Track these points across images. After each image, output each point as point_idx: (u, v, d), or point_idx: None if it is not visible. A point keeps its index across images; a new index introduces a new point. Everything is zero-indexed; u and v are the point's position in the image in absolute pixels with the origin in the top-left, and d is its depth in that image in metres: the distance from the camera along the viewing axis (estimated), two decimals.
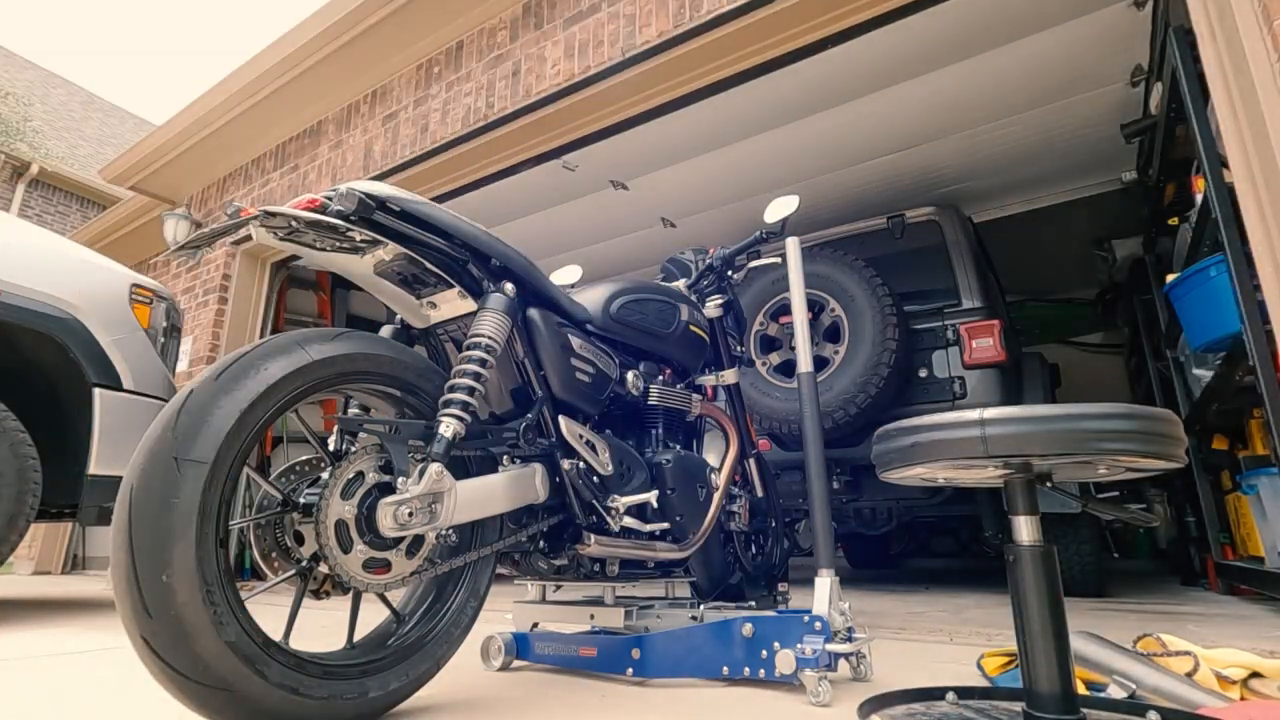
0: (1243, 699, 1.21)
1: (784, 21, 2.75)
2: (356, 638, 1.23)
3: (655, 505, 1.60)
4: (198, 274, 5.22)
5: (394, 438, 1.18)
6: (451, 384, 1.24)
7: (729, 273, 2.19)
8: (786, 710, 1.23)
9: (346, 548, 1.11)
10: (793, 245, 1.89)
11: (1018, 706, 1.14)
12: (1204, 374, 2.92)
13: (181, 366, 4.93)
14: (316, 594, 1.17)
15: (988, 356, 3.11)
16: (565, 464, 1.43)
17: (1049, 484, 1.00)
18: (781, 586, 2.16)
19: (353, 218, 1.21)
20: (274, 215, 1.14)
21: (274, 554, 1.15)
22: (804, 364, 1.73)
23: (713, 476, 1.82)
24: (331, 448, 1.25)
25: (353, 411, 1.38)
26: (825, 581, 1.45)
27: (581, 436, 1.48)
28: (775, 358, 3.44)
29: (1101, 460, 0.90)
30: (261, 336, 4.56)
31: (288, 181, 4.78)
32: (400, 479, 1.14)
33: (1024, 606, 0.96)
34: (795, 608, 1.60)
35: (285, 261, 5.14)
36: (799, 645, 1.33)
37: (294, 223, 1.17)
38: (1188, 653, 1.28)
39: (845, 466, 3.42)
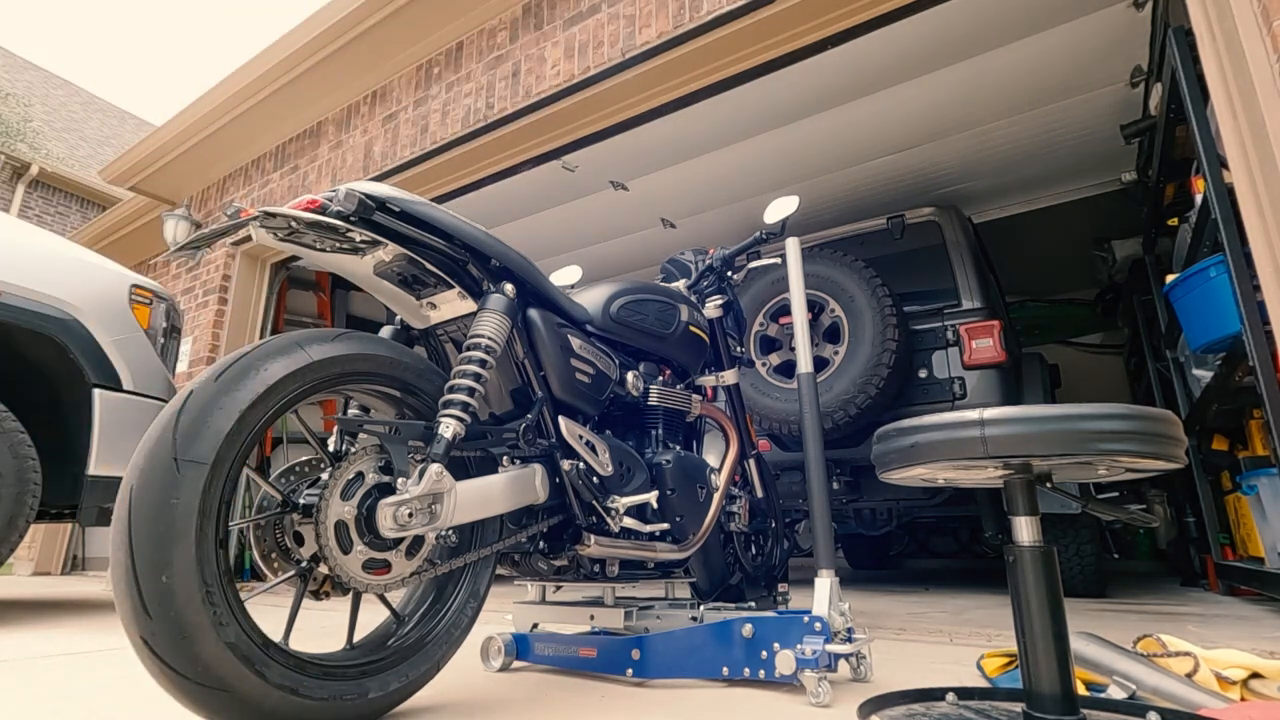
0: (1243, 699, 1.21)
1: (783, 22, 2.75)
2: (356, 638, 1.23)
3: (655, 506, 1.60)
4: (198, 275, 5.22)
5: (394, 438, 1.18)
6: (451, 384, 1.24)
7: (729, 273, 2.19)
8: (786, 711, 1.23)
9: (346, 548, 1.11)
10: (793, 245, 1.89)
11: (1018, 707, 1.14)
12: (1204, 374, 2.92)
13: (181, 367, 4.93)
14: (316, 595, 1.17)
15: (987, 357, 3.11)
16: (565, 464, 1.43)
17: (1049, 484, 1.00)
18: (781, 587, 2.16)
19: (352, 218, 1.21)
20: (274, 216, 1.14)
21: (274, 555, 1.15)
22: (804, 364, 1.73)
23: (713, 477, 1.82)
24: (331, 448, 1.25)
25: (352, 412, 1.38)
26: (825, 582, 1.45)
27: (581, 437, 1.48)
28: (775, 358, 3.44)
29: (1101, 460, 0.90)
30: (261, 337, 4.56)
31: (288, 182, 4.78)
32: (400, 480, 1.14)
33: (1024, 607, 0.96)
34: (795, 608, 1.60)
35: (285, 262, 5.14)
36: (799, 646, 1.33)
37: (294, 223, 1.17)
38: (1188, 653, 1.28)
39: (845, 467, 3.42)
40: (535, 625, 1.80)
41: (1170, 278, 2.70)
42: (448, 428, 1.19)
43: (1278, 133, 1.70)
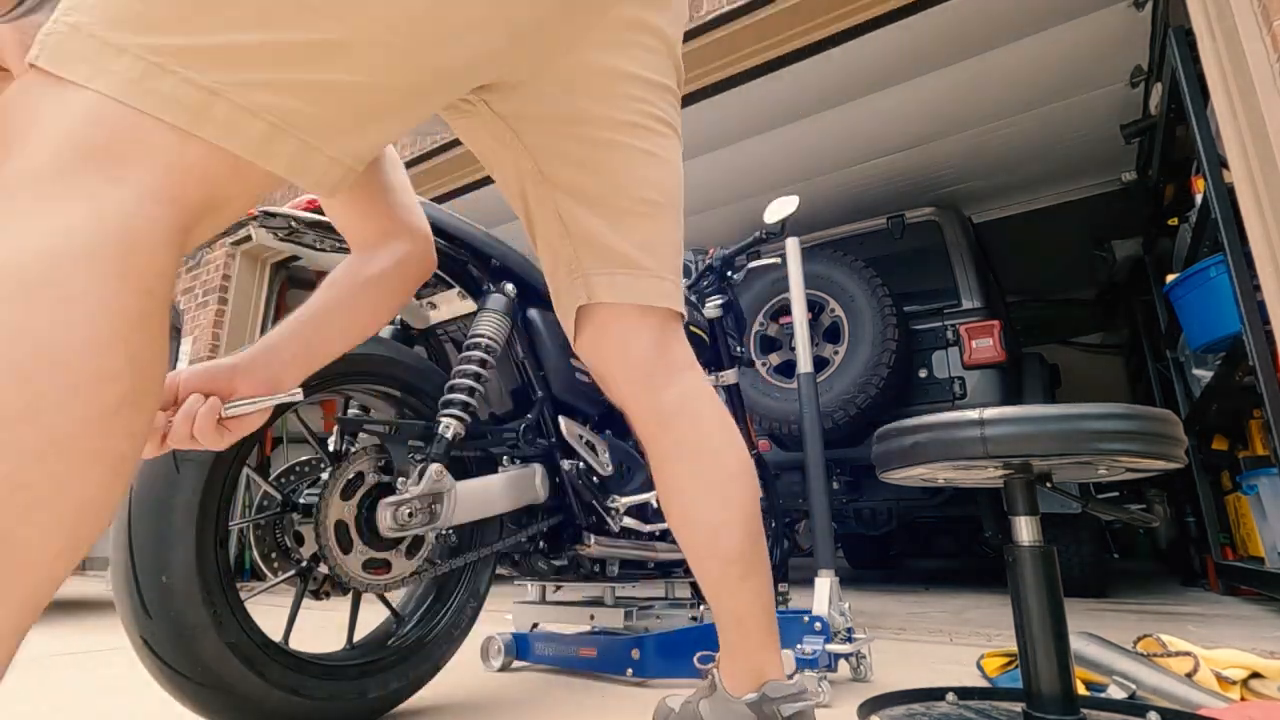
0: (1243, 699, 1.21)
1: (783, 22, 2.75)
2: (356, 638, 1.23)
3: (655, 505, 1.60)
4: (198, 275, 5.22)
5: (394, 438, 1.18)
6: (451, 384, 1.24)
7: (729, 273, 2.19)
8: None
9: (346, 548, 1.11)
10: (793, 245, 1.89)
11: (1018, 707, 1.14)
12: (1204, 374, 2.92)
13: (181, 367, 4.92)
14: (316, 594, 1.17)
15: (987, 357, 3.11)
16: (565, 464, 1.43)
17: (1049, 484, 1.00)
18: (781, 587, 2.16)
19: None
20: (274, 216, 1.14)
21: (274, 554, 1.15)
22: (804, 364, 1.73)
23: None
24: (331, 448, 1.25)
25: (353, 412, 1.38)
26: (825, 582, 1.45)
27: (581, 437, 1.48)
28: (775, 358, 3.44)
29: (1101, 460, 0.90)
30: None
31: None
32: (400, 480, 1.14)
33: (1024, 607, 0.96)
34: (795, 608, 1.60)
35: (285, 262, 5.14)
36: (799, 645, 1.33)
37: (294, 223, 1.17)
38: (1188, 653, 1.28)
39: (845, 467, 3.42)
40: (535, 625, 1.80)
41: (1170, 278, 2.70)
42: (448, 428, 1.19)
43: (1278, 133, 1.69)
